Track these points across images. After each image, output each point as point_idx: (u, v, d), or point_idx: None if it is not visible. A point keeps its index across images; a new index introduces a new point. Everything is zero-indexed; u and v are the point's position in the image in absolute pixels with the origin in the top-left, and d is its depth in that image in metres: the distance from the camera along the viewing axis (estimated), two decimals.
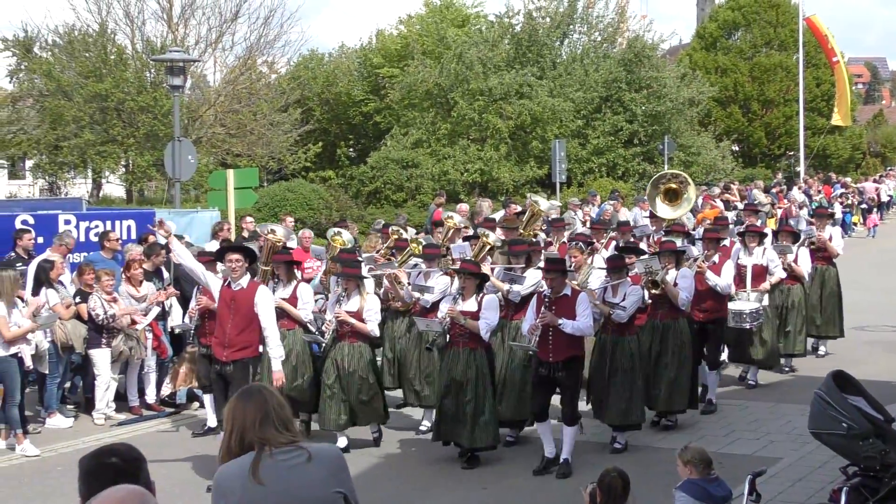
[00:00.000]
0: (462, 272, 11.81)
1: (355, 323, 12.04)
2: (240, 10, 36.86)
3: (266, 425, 4.66)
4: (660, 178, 17.90)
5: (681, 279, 12.92)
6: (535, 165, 37.79)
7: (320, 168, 41.07)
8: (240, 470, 4.59)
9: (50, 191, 42.50)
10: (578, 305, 11.30)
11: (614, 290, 12.27)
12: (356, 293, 12.22)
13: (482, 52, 38.07)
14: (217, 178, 22.35)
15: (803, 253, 16.21)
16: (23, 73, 38.62)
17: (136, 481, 4.15)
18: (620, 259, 12.67)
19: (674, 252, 13.25)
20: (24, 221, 16.56)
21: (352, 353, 12.12)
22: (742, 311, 14.46)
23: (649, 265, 12.82)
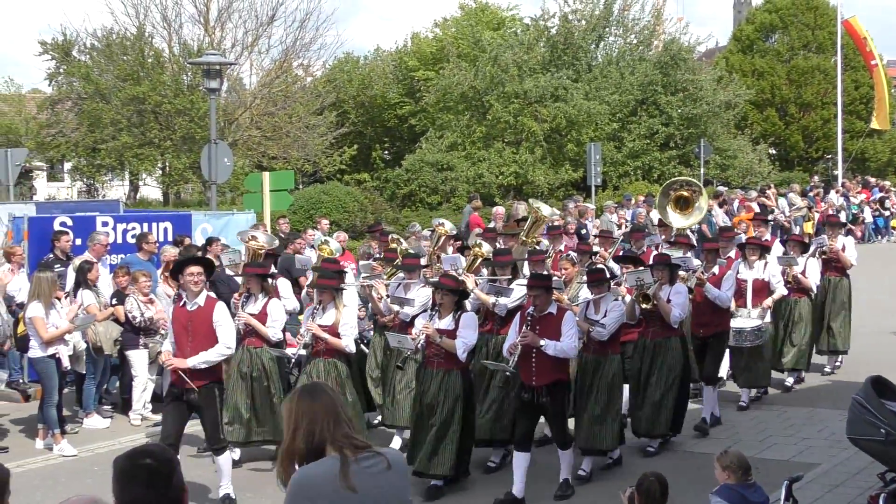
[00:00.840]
0: (439, 287, 10.91)
1: (328, 338, 11.12)
2: (276, 13, 37.07)
3: (339, 425, 4.60)
4: (671, 185, 17.01)
5: (674, 295, 12.13)
6: (570, 168, 37.70)
7: (355, 171, 41.20)
8: (326, 474, 4.52)
9: (88, 193, 42.94)
10: (564, 325, 10.44)
11: (595, 306, 11.46)
12: (331, 306, 11.31)
13: (517, 55, 38.03)
14: (253, 181, 22.46)
15: (812, 264, 15.41)
16: (62, 77, 38.97)
17: (169, 483, 4.15)
18: (601, 272, 11.94)
19: (667, 265, 12.31)
20: (63, 223, 16.70)
21: (327, 369, 11.22)
22: (743, 328, 13.80)
23: (640, 278, 11.99)
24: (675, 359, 12.14)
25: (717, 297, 13.07)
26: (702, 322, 13.25)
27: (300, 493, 4.57)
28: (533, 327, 10.44)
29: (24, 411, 14.57)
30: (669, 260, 12.55)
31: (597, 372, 11.25)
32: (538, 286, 10.58)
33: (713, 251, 13.78)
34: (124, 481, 4.15)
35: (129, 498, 4.09)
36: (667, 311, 11.95)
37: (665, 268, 12.21)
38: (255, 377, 11.64)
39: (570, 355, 10.66)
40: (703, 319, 13.23)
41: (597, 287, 11.50)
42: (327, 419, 4.61)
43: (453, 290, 10.81)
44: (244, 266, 12.60)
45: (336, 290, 11.41)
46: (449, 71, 39.29)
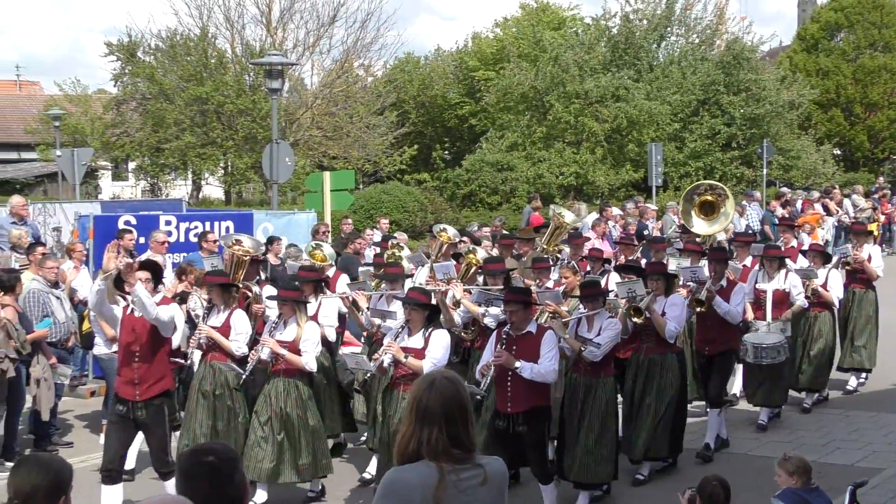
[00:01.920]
0: (407, 302, 9.96)
1: (287, 355, 10.31)
2: (337, 13, 37.22)
3: (453, 425, 4.57)
4: (695, 189, 16.20)
5: (670, 307, 11.18)
6: (630, 169, 37.51)
7: (415, 170, 41.27)
8: (419, 481, 4.49)
9: (151, 192, 43.37)
10: (543, 345, 9.48)
11: (589, 323, 10.51)
12: (293, 320, 10.48)
13: (578, 55, 37.90)
14: (314, 181, 22.61)
15: (834, 276, 14.23)
16: (127, 78, 39.41)
17: (231, 480, 4.20)
18: (595, 285, 10.94)
19: (663, 275, 11.44)
20: (127, 222, 16.93)
21: (287, 389, 10.42)
22: (761, 344, 12.73)
23: (632, 290, 11.07)
24: (672, 377, 11.23)
25: (727, 311, 12.05)
26: (707, 338, 12.35)
27: (389, 491, 4.57)
28: (509, 347, 9.53)
29: (88, 407, 14.81)
30: (665, 269, 11.80)
31: (588, 396, 10.37)
32: (515, 300, 9.62)
33: (721, 261, 12.56)
34: (187, 479, 4.20)
35: (191, 495, 4.14)
36: (661, 326, 11.04)
37: (660, 278, 11.35)
38: (218, 395, 10.70)
39: (548, 380, 9.58)
40: (709, 335, 12.32)
41: (590, 302, 10.52)
42: (453, 416, 4.57)
43: (422, 305, 9.85)
44: (204, 275, 11.87)
45: (297, 303, 10.60)
46: (509, 71, 39.25)
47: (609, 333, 10.33)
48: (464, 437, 4.59)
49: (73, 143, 37.16)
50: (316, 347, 10.54)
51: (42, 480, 4.63)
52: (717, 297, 12.06)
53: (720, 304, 12.03)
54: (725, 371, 12.54)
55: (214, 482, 4.17)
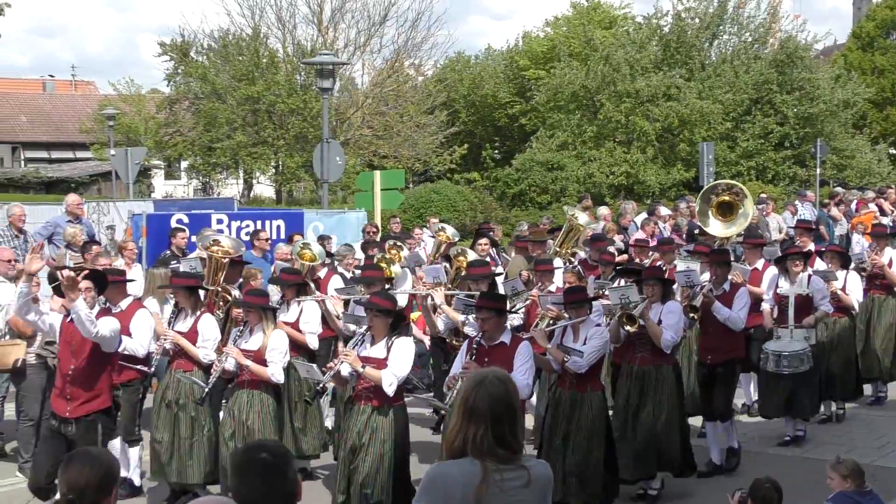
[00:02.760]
0: (368, 307, 9.09)
1: (251, 365, 9.60)
2: (388, 13, 37.38)
3: (499, 425, 4.57)
4: (712, 189, 15.26)
5: (666, 315, 10.31)
6: (682, 168, 37.28)
7: (465, 170, 41.28)
8: (462, 477, 4.50)
9: (203, 191, 43.78)
10: (517, 357, 8.70)
11: (574, 332, 9.72)
12: (259, 328, 9.77)
13: (629, 54, 37.73)
14: (364, 180, 22.68)
15: (853, 278, 13.35)
16: (179, 77, 39.83)
17: (284, 477, 4.24)
18: (580, 292, 10.12)
19: (660, 280, 10.59)
20: (179, 221, 17.08)
21: (250, 402, 9.66)
22: (782, 352, 11.87)
23: (625, 295, 10.38)
24: (669, 390, 10.32)
25: (727, 318, 11.15)
26: (709, 346, 11.40)
27: (432, 486, 4.59)
28: (480, 358, 8.75)
29: None
30: (661, 274, 11.02)
31: (574, 412, 9.54)
32: (487, 307, 8.85)
33: (722, 263, 11.66)
34: (240, 475, 4.24)
35: (244, 491, 4.19)
36: (657, 335, 10.17)
37: (656, 283, 10.48)
38: (181, 405, 10.02)
39: (522, 395, 8.47)
40: (712, 343, 11.37)
41: (575, 309, 9.75)
42: (501, 416, 4.57)
43: (385, 311, 8.95)
44: (172, 277, 11.18)
45: (264, 310, 9.83)
46: (560, 70, 39.15)
47: (595, 343, 9.54)
48: (509, 438, 4.59)
49: (126, 142, 37.59)
50: (283, 357, 9.76)
51: (94, 475, 4.70)
52: (716, 303, 11.20)
53: (720, 310, 11.16)
54: (730, 382, 11.56)
55: (267, 478, 4.21)
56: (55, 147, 51.85)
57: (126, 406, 10.79)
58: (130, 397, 10.84)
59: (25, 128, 52.16)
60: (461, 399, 4.68)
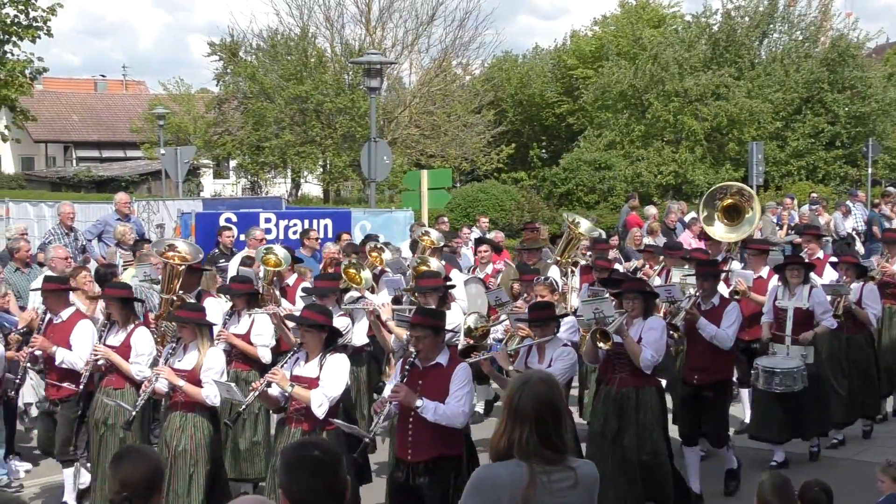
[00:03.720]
0: (300, 322, 8.38)
1: (184, 386, 8.75)
2: (436, 12, 37.41)
3: (544, 426, 4.56)
4: (717, 192, 14.34)
5: (647, 332, 9.33)
6: (730, 168, 37.01)
7: (512, 169, 41.24)
8: (509, 479, 4.51)
9: (252, 190, 44.02)
10: (453, 381, 7.73)
11: (539, 352, 8.95)
12: (193, 346, 8.94)
13: (678, 53, 37.51)
14: (411, 179, 22.73)
15: (871, 291, 12.32)
16: (228, 77, 40.10)
17: (335, 475, 4.26)
18: (545, 308, 9.26)
19: (640, 293, 9.59)
20: (228, 219, 17.22)
21: (183, 426, 8.82)
22: (774, 368, 10.96)
23: (599, 309, 9.30)
24: (652, 416, 9.30)
25: (714, 336, 10.24)
26: (696, 366, 10.46)
27: (478, 487, 4.60)
28: (413, 381, 7.83)
29: None
30: (643, 286, 9.93)
31: None
32: (422, 324, 7.86)
33: (710, 276, 10.67)
34: (292, 472, 4.26)
35: (296, 488, 4.21)
36: (635, 353, 9.16)
37: (637, 296, 9.52)
38: (109, 426, 9.35)
39: (456, 424, 7.70)
40: (698, 363, 10.44)
41: (540, 327, 8.97)
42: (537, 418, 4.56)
43: (318, 326, 8.22)
44: (105, 287, 10.47)
45: (199, 326, 8.98)
46: (608, 69, 39.01)
47: (560, 365, 8.71)
48: (555, 439, 4.59)
49: (176, 141, 37.94)
50: (220, 377, 8.89)
51: (146, 471, 4.75)
52: (701, 319, 10.31)
53: (705, 328, 10.27)
54: (722, 405, 10.63)
55: (319, 476, 4.22)
56: (106, 146, 52.41)
57: (62, 423, 10.30)
58: (67, 414, 10.21)
59: (77, 127, 52.74)
60: (506, 401, 4.69)
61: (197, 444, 8.74)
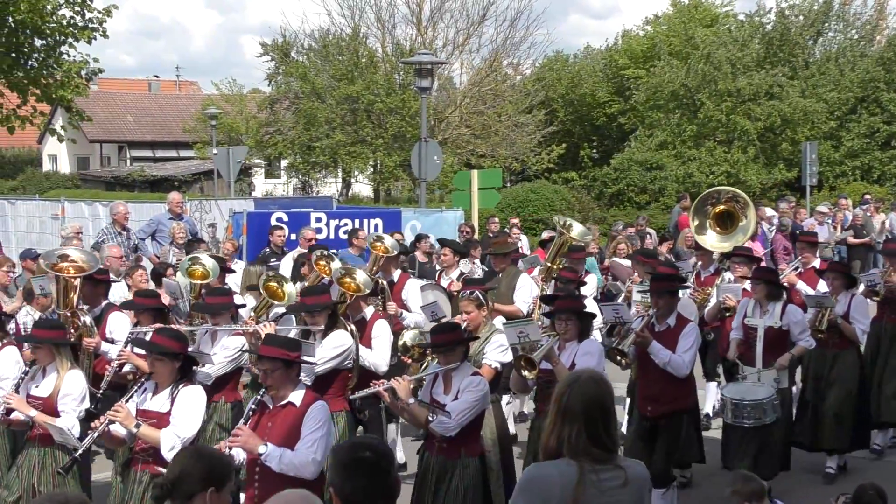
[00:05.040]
0: (151, 350, 7.23)
1: (36, 417, 7.61)
2: (487, 12, 37.36)
3: (593, 425, 4.56)
4: (708, 197, 13.07)
5: (581, 357, 8.22)
6: (783, 168, 36.69)
7: (563, 169, 41.11)
8: (560, 478, 4.51)
9: (302, 189, 44.21)
10: (306, 423, 6.65)
11: (446, 382, 7.66)
12: (52, 368, 7.84)
13: (731, 52, 37.21)
14: (461, 179, 22.73)
15: (860, 303, 11.00)
16: (280, 77, 40.31)
17: (387, 476, 4.27)
18: (450, 331, 7.87)
19: (575, 313, 8.48)
20: (279, 219, 17.32)
21: (42, 461, 7.72)
22: (742, 400, 9.65)
23: (523, 332, 8.26)
24: None
25: (667, 362, 8.98)
26: (650, 395, 9.29)
27: (529, 487, 4.61)
28: (262, 424, 6.80)
29: None
30: (577, 304, 8.76)
31: (441, 484, 7.52)
32: (270, 357, 6.78)
33: (666, 293, 9.34)
34: (344, 473, 4.28)
35: (349, 489, 4.24)
36: None
37: (571, 317, 8.44)
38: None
39: (306, 474, 6.53)
40: (652, 392, 9.25)
41: (444, 353, 7.66)
42: (588, 417, 4.55)
43: (169, 354, 7.08)
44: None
45: (58, 345, 7.86)
46: (660, 69, 38.79)
47: (469, 397, 7.46)
48: (604, 438, 4.59)
49: (228, 141, 38.18)
50: (80, 404, 7.79)
51: (193, 468, 4.80)
52: (653, 343, 9.04)
53: (658, 353, 9.02)
54: (674, 440, 9.30)
55: (371, 477, 4.25)
56: (159, 146, 52.88)
57: None
58: None
59: (131, 127, 53.26)
60: (554, 400, 4.69)
61: (59, 480, 7.57)
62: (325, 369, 8.53)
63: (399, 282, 11.91)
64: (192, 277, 10.67)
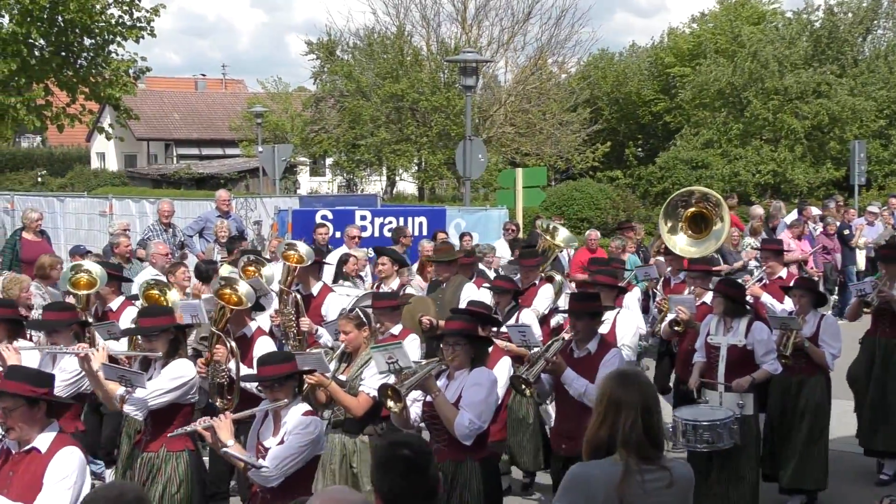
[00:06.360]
0: None
1: None
2: (532, 10, 37.34)
3: (650, 415, 4.54)
4: (677, 201, 11.80)
5: (470, 388, 7.03)
6: (831, 167, 36.33)
7: (608, 168, 40.96)
8: (605, 478, 4.49)
9: (347, 187, 44.34)
10: (49, 473, 5.69)
11: (276, 422, 6.77)
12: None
13: (778, 50, 36.90)
14: (506, 177, 22.71)
15: (830, 324, 9.87)
16: (325, 75, 40.46)
17: (425, 474, 4.29)
18: (280, 362, 6.85)
19: (466, 336, 7.21)
20: (324, 217, 17.39)
21: None
22: (697, 421, 8.55)
23: (393, 359, 7.21)
24: (472, 496, 6.97)
25: (584, 393, 7.82)
26: (565, 431, 8.07)
27: (574, 486, 4.59)
28: (2, 474, 5.85)
29: None
30: (471, 328, 7.36)
31: None
32: (8, 393, 5.78)
33: (583, 314, 8.11)
34: (384, 470, 4.30)
35: (387, 486, 4.25)
36: (448, 420, 6.92)
37: (461, 340, 7.18)
38: None
39: None
40: (567, 427, 8.01)
41: (271, 389, 6.74)
42: (633, 416, 4.53)
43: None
44: None
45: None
46: (706, 67, 38.55)
47: (294, 441, 6.50)
48: (657, 432, 4.57)
49: (273, 139, 38.40)
50: None
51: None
52: (568, 371, 7.90)
53: (573, 382, 7.89)
54: None
55: (408, 475, 4.26)
56: (206, 144, 53.27)
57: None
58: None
59: (178, 125, 53.69)
60: (601, 394, 4.64)
61: None
62: (159, 404, 7.34)
63: (319, 295, 10.81)
64: (77, 287, 9.64)
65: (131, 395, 7.23)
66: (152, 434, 7.45)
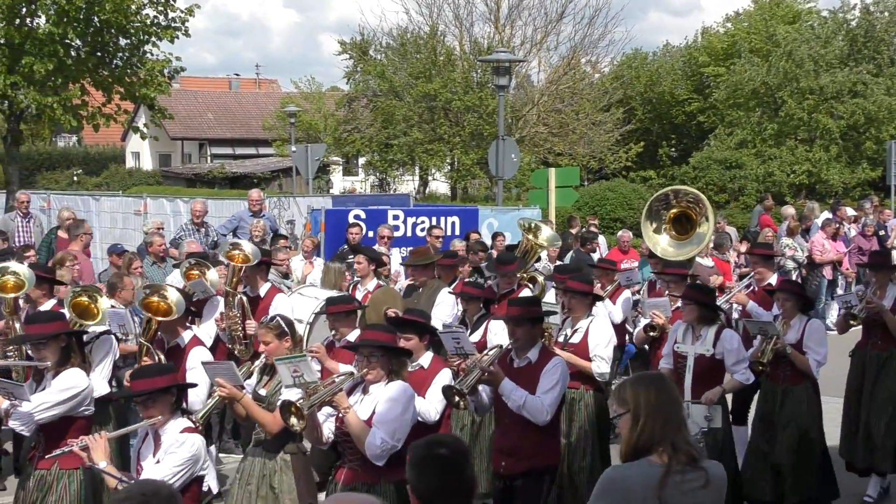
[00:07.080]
0: None
1: None
2: (565, 10, 37.27)
3: (673, 426, 4.53)
4: (661, 199, 10.91)
5: (384, 405, 6.51)
6: (867, 167, 36.06)
7: (641, 168, 40.83)
8: (643, 480, 4.48)
9: (380, 187, 44.44)
10: None
11: (156, 441, 6.31)
12: None
13: (814, 49, 36.67)
14: (539, 177, 22.67)
15: (816, 329, 9.20)
16: (358, 75, 40.56)
17: (462, 473, 4.29)
18: (153, 375, 6.35)
19: (381, 347, 6.66)
20: (356, 216, 17.41)
21: None
22: None
23: (299, 373, 6.63)
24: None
25: (523, 405, 7.20)
26: (505, 448, 7.47)
27: (609, 488, 4.56)
28: None
29: None
30: (390, 338, 6.82)
31: None
32: None
33: (522, 320, 7.46)
34: (419, 469, 4.31)
35: (423, 485, 4.26)
36: (359, 439, 6.42)
37: (377, 353, 6.63)
38: None
39: None
40: (506, 443, 7.45)
41: (145, 405, 6.22)
42: (666, 416, 4.53)
43: None
44: None
45: None
46: (740, 66, 38.36)
47: (172, 461, 6.12)
48: (687, 434, 4.57)
49: (306, 139, 38.54)
50: None
51: None
52: (505, 382, 7.24)
53: (511, 393, 7.23)
54: (536, 499, 7.34)
55: (444, 474, 4.26)
56: (239, 143, 53.50)
57: None
58: None
59: (212, 125, 53.96)
60: (634, 399, 4.58)
61: None
62: (47, 418, 6.84)
63: (267, 297, 10.13)
64: (4, 290, 9.06)
65: (16, 410, 6.71)
66: (45, 450, 6.86)
